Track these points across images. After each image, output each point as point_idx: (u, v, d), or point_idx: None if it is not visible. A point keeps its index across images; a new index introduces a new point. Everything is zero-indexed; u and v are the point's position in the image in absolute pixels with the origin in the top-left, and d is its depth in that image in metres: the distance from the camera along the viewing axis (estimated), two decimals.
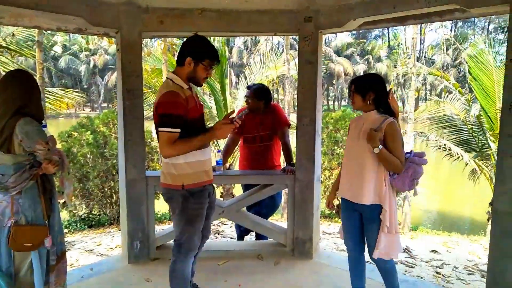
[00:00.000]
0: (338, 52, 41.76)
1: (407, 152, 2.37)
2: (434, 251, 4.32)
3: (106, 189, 6.55)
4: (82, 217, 6.58)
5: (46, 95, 7.15)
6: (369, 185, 2.30)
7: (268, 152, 3.67)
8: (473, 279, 3.48)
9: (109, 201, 6.64)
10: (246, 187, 3.80)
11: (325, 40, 42.37)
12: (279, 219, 6.82)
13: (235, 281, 3.03)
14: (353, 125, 2.48)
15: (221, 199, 7.58)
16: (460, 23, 43.43)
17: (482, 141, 6.77)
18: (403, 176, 2.28)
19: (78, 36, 35.18)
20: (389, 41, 47.13)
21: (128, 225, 3.36)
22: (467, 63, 7.21)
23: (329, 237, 4.73)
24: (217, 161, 3.57)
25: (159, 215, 7.00)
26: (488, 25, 42.78)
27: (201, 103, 2.44)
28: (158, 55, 8.37)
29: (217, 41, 8.43)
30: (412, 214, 10.84)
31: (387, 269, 2.43)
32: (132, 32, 3.23)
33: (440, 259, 3.99)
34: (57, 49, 41.22)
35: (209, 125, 2.55)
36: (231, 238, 4.61)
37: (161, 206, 6.08)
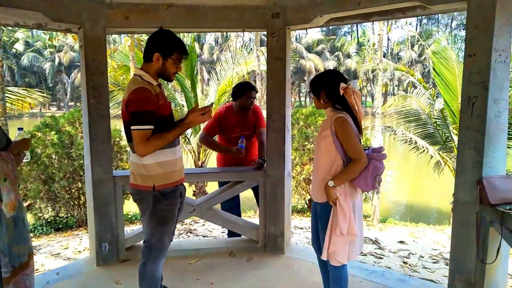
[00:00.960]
0: (309, 49, 42.21)
1: (365, 149, 2.30)
2: (401, 242, 4.46)
3: (73, 191, 6.34)
4: (48, 220, 6.34)
5: (6, 94, 6.83)
6: (323, 183, 2.22)
7: (249, 151, 3.68)
8: (438, 267, 3.62)
9: (76, 202, 6.43)
10: (221, 185, 3.79)
11: (295, 36, 42.81)
12: (252, 216, 6.84)
13: (207, 279, 3.02)
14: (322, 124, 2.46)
15: (194, 197, 7.52)
16: (424, 20, 44.94)
17: (446, 134, 7.03)
18: (365, 175, 2.20)
19: (41, 32, 33.79)
20: (358, 38, 48.11)
21: (96, 226, 3.27)
22: (431, 59, 7.45)
23: (301, 232, 4.79)
24: (240, 146, 3.52)
25: (129, 215, 6.86)
26: (451, 22, 44.48)
27: (169, 101, 2.40)
28: (126, 51, 8.16)
29: (186, 37, 8.33)
30: (382, 207, 11.14)
31: (335, 277, 2.31)
32: (95, 28, 3.13)
33: (407, 249, 4.12)
34: (19, 46, 39.47)
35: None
36: (204, 236, 4.58)
37: (131, 206, 5.96)
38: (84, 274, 3.17)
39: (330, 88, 2.25)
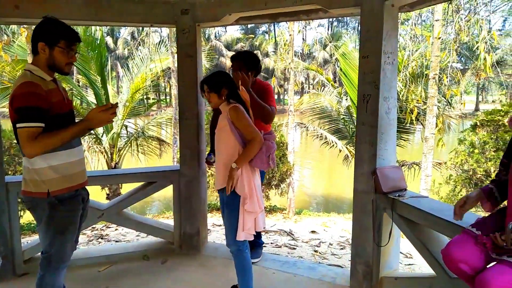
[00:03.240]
0: (229, 47, 42.42)
1: None
2: (313, 232, 4.72)
3: None
4: None
5: None
6: (226, 169, 2.38)
7: None
8: (344, 252, 3.90)
9: None
10: None
11: (215, 34, 42.71)
12: (170, 217, 6.67)
13: (117, 286, 2.87)
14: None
15: (108, 201, 7.10)
16: (335, 23, 48.00)
17: (352, 129, 7.63)
18: (260, 155, 2.39)
19: None
20: (275, 37, 49.62)
21: None
22: (338, 60, 8.01)
23: (219, 229, 4.79)
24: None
25: (32, 225, 6.22)
26: (358, 25, 48.16)
27: (69, 98, 2.20)
28: (23, 44, 7.37)
29: (96, 31, 7.79)
30: (299, 199, 11.69)
31: (241, 263, 2.51)
32: None
33: (318, 238, 4.38)
34: None
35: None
36: (116, 241, 4.35)
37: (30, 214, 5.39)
38: None
39: (230, 84, 2.43)
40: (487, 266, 1.61)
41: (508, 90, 28.65)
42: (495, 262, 1.59)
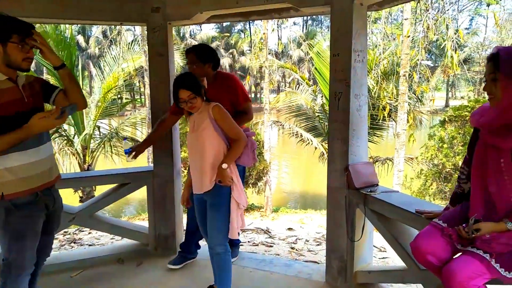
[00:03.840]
0: None
1: None
2: (290, 229, 4.77)
3: None
4: None
5: None
6: (213, 170, 2.33)
7: None
8: (320, 248, 3.95)
9: None
10: None
11: (189, 32, 42.29)
12: (146, 219, 6.57)
13: None
14: (189, 119, 2.47)
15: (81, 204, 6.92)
16: (310, 22, 48.44)
17: (327, 127, 7.72)
18: (246, 152, 2.40)
19: None
20: (250, 36, 49.63)
21: None
22: (312, 58, 8.09)
23: None
24: (125, 150, 3.10)
25: None
26: None
27: (40, 97, 2.08)
28: None
29: (66, 29, 7.56)
30: (277, 197, 11.77)
31: (223, 263, 2.48)
32: None
33: (295, 235, 4.42)
34: None
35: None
36: (90, 245, 4.25)
37: None
38: None
39: (203, 88, 2.37)
40: (453, 257, 1.67)
41: (475, 86, 29.77)
42: (460, 253, 1.64)
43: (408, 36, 6.27)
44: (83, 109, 2.19)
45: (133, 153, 2.97)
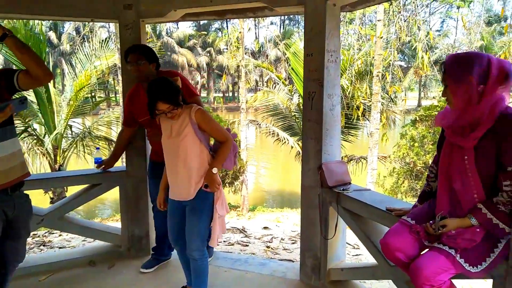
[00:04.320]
0: (181, 43, 41.69)
1: None
2: (266, 228, 4.78)
3: None
4: None
5: None
6: (197, 177, 2.25)
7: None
8: (296, 247, 3.98)
9: None
10: None
11: (166, 30, 41.74)
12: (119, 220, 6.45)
13: None
14: (162, 125, 2.32)
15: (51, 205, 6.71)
16: (287, 21, 48.71)
17: None
18: (229, 155, 2.34)
19: None
20: (228, 35, 49.41)
21: None
22: (289, 58, 8.14)
23: None
24: (95, 159, 3.17)
25: None
26: None
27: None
28: None
29: (36, 25, 7.30)
30: (255, 195, 11.79)
31: (202, 268, 2.43)
32: None
33: (270, 234, 4.44)
34: None
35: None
36: (60, 247, 4.12)
37: None
38: None
39: (177, 87, 2.24)
40: (421, 254, 1.71)
41: None
42: (427, 250, 1.69)
43: (381, 37, 6.41)
44: (48, 81, 1.96)
45: (102, 166, 3.17)
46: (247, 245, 4.07)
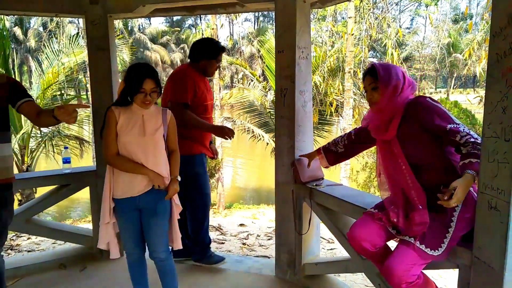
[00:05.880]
0: (154, 40, 40.94)
1: None
2: (242, 225, 4.77)
3: None
4: None
5: None
6: (165, 173, 2.24)
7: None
8: (271, 243, 4.00)
9: None
10: None
11: (138, 26, 40.87)
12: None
13: None
14: (125, 120, 2.17)
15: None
16: (261, 18, 48.69)
17: None
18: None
19: None
20: (202, 31, 48.92)
21: None
22: (263, 55, 8.14)
23: None
24: (63, 159, 3.11)
25: None
26: None
27: None
28: None
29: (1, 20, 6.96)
30: (232, 193, 11.75)
31: (171, 268, 2.43)
32: None
33: (246, 231, 4.44)
34: None
35: None
36: (29, 251, 3.97)
37: None
38: None
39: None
40: (391, 251, 1.76)
41: (416, 83, 31.60)
42: (396, 239, 1.74)
43: (353, 34, 6.50)
44: None
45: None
46: (223, 243, 4.05)
